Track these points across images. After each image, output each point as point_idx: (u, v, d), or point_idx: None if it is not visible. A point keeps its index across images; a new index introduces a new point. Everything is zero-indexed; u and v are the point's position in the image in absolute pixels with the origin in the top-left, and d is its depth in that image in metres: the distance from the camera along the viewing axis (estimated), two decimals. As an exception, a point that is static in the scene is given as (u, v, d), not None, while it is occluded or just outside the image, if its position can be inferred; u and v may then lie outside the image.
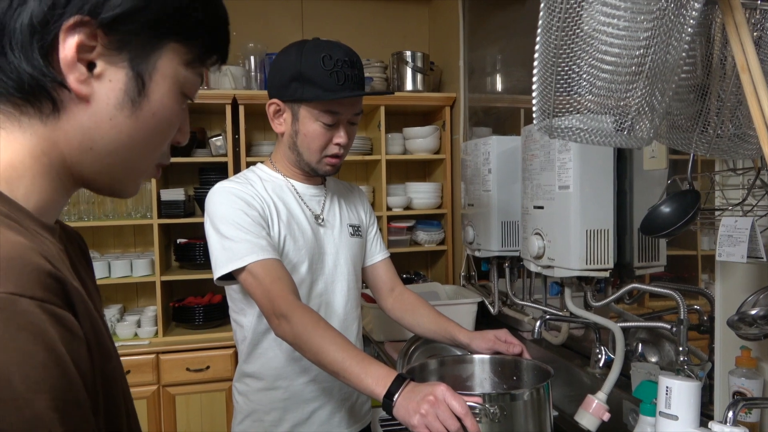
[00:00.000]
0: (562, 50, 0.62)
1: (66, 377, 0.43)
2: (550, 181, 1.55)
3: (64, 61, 0.52)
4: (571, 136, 0.68)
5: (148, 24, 0.55)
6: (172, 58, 0.58)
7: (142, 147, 0.59)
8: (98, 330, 0.51)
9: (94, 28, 0.52)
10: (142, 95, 0.57)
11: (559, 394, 1.75)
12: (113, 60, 0.54)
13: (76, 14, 0.51)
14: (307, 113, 1.32)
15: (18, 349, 0.40)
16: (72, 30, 0.52)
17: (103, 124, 0.56)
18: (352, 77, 1.30)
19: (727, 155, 0.84)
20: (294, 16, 3.23)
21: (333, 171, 1.40)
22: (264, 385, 1.37)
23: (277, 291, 1.19)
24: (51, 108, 0.54)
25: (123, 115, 0.56)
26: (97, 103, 0.55)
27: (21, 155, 0.54)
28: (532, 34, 0.68)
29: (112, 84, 0.55)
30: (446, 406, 0.96)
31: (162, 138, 0.61)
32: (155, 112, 0.58)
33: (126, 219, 2.84)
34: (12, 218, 0.49)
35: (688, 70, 0.75)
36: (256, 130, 3.13)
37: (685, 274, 1.58)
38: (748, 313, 1.04)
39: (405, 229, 3.05)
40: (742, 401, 0.98)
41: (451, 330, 1.40)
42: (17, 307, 0.41)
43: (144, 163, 0.61)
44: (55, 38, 0.52)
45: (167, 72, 0.58)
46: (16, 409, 0.39)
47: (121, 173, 0.60)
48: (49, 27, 0.51)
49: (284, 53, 1.34)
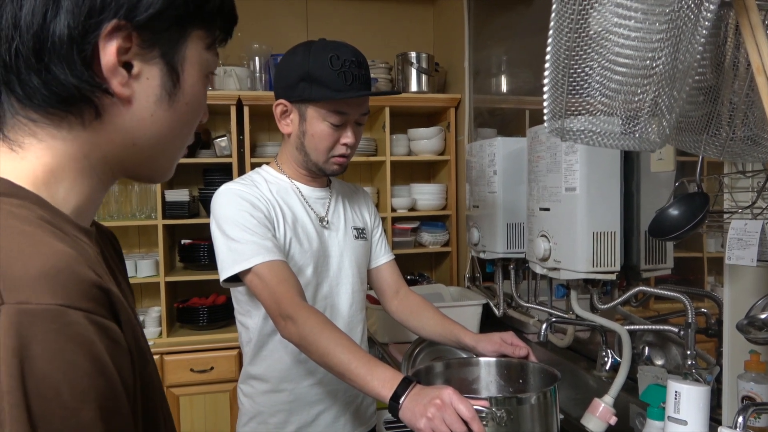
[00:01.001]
0: (575, 52, 0.61)
1: (110, 387, 0.44)
2: (556, 182, 1.55)
3: (106, 68, 0.53)
4: (582, 138, 0.68)
5: (175, 17, 0.55)
6: (196, 45, 0.59)
7: (179, 134, 0.61)
8: (137, 336, 0.51)
9: (130, 30, 0.53)
10: (177, 87, 0.58)
11: (565, 398, 1.74)
12: (147, 58, 0.55)
13: (113, 19, 0.52)
14: (314, 113, 1.31)
15: (67, 360, 0.41)
16: (110, 35, 0.52)
17: (144, 121, 0.57)
18: (359, 77, 1.30)
19: (740, 158, 0.83)
20: (299, 17, 3.23)
21: (340, 170, 1.40)
22: (269, 387, 1.37)
23: (283, 292, 1.18)
24: (94, 114, 0.54)
25: (162, 109, 0.57)
26: (137, 102, 0.56)
27: (61, 160, 0.54)
28: (538, 35, 0.67)
29: (149, 81, 0.56)
30: (453, 409, 0.96)
31: (195, 122, 0.63)
32: (189, 101, 0.60)
33: (130, 220, 2.84)
34: (54, 225, 0.49)
35: (700, 72, 0.74)
36: (261, 131, 3.13)
37: (691, 277, 1.57)
38: (757, 317, 1.03)
39: (409, 230, 3.04)
40: (751, 406, 0.98)
41: (457, 332, 1.39)
42: (67, 319, 0.42)
43: (181, 148, 0.63)
44: (95, 46, 0.52)
45: (194, 59, 0.59)
46: (62, 419, 0.40)
47: (162, 161, 0.62)
48: (88, 36, 0.51)
49: (291, 54, 1.34)
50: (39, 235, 0.46)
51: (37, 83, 0.52)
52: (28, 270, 0.42)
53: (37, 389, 0.39)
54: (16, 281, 0.41)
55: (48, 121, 0.53)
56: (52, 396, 0.40)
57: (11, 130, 0.53)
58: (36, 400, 0.39)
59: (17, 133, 0.53)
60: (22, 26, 0.51)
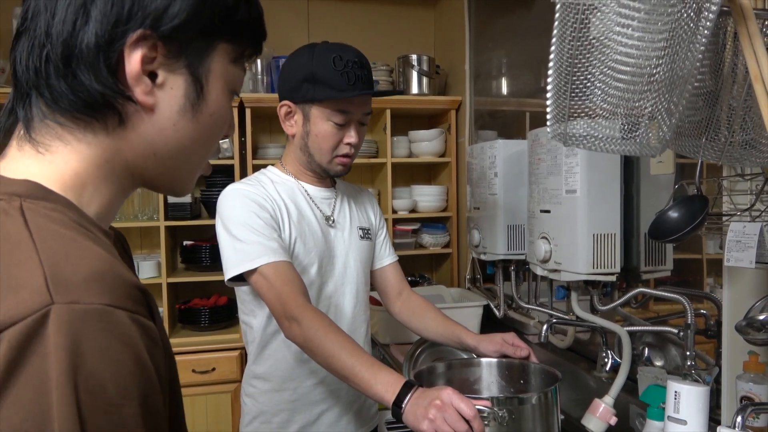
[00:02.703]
0: (577, 59, 0.63)
1: (150, 385, 0.46)
2: (556, 185, 1.56)
3: (131, 76, 0.54)
4: (585, 144, 0.69)
5: (202, 29, 0.56)
6: (222, 58, 0.59)
7: (201, 147, 0.62)
8: (164, 334, 0.53)
9: (155, 39, 0.54)
10: (200, 98, 0.59)
11: (566, 398, 1.75)
12: (172, 68, 0.56)
13: (138, 29, 0.53)
14: (318, 113, 1.33)
15: (113, 358, 0.43)
16: (135, 45, 0.53)
17: (166, 131, 0.58)
18: (362, 77, 1.32)
19: (738, 163, 0.85)
20: (300, 19, 3.24)
21: (344, 171, 1.41)
22: (272, 387, 1.38)
23: (288, 293, 1.20)
24: (117, 121, 0.56)
25: (185, 119, 0.58)
26: (160, 111, 0.57)
27: (85, 165, 0.55)
28: (539, 38, 0.69)
29: (173, 91, 0.57)
30: (453, 409, 0.97)
31: (218, 135, 0.63)
32: (212, 113, 0.60)
33: (133, 221, 2.85)
34: (87, 228, 0.51)
35: (699, 78, 0.76)
36: (263, 132, 3.14)
37: (691, 278, 1.58)
38: (756, 318, 1.05)
39: (410, 231, 3.05)
40: (750, 406, 0.99)
41: (459, 333, 1.40)
42: (114, 318, 0.44)
43: (202, 161, 0.64)
44: (120, 54, 0.53)
45: (219, 72, 0.60)
46: (105, 414, 0.42)
47: (182, 173, 0.63)
48: (114, 44, 0.53)
49: (295, 56, 1.36)
50: (80, 239, 0.48)
51: (64, 88, 0.53)
52: (77, 272, 0.44)
53: (86, 385, 0.41)
54: (65, 283, 0.43)
55: (74, 125, 0.55)
56: (98, 392, 0.42)
57: (39, 133, 0.55)
58: (84, 396, 0.41)
59: (45, 137, 0.55)
60: (53, 34, 0.53)
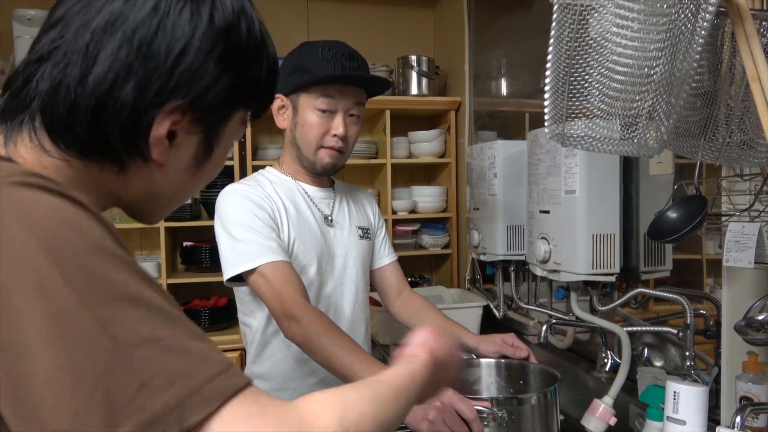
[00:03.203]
0: (575, 60, 0.63)
1: None
2: (556, 185, 1.56)
3: (155, 138, 0.54)
4: (583, 144, 0.69)
5: (229, 100, 0.57)
6: (235, 122, 0.60)
7: (192, 192, 0.64)
8: None
9: (187, 108, 0.54)
10: (207, 158, 0.59)
11: (565, 399, 1.75)
12: (191, 131, 0.56)
13: (179, 100, 0.53)
14: (305, 102, 1.34)
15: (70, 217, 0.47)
16: (169, 113, 0.53)
17: (167, 183, 0.58)
18: (349, 68, 1.32)
19: (736, 163, 0.85)
20: (300, 20, 3.25)
21: (332, 164, 1.39)
22: (272, 387, 1.38)
23: (288, 293, 1.20)
24: (118, 168, 0.55)
25: (187, 174, 0.59)
26: (168, 167, 0.57)
27: (63, 180, 0.53)
28: (538, 38, 0.69)
29: (185, 151, 0.57)
30: (453, 411, 0.97)
31: (208, 182, 0.64)
32: (212, 167, 0.62)
33: (132, 222, 2.83)
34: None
35: (697, 78, 0.76)
36: (262, 133, 3.14)
37: (690, 278, 1.58)
38: (755, 318, 1.05)
39: (410, 232, 3.05)
40: (749, 406, 0.99)
41: (459, 333, 1.41)
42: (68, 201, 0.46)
43: (184, 200, 0.66)
44: (153, 119, 0.53)
45: (229, 134, 0.60)
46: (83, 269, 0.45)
47: (165, 211, 0.64)
48: (150, 111, 0.52)
49: (289, 54, 1.38)
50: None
51: (84, 137, 0.52)
52: None
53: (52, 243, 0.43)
54: None
55: (66, 158, 0.53)
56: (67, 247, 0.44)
57: (22, 149, 0.53)
58: None
59: (27, 154, 0.53)
60: (89, 84, 0.51)
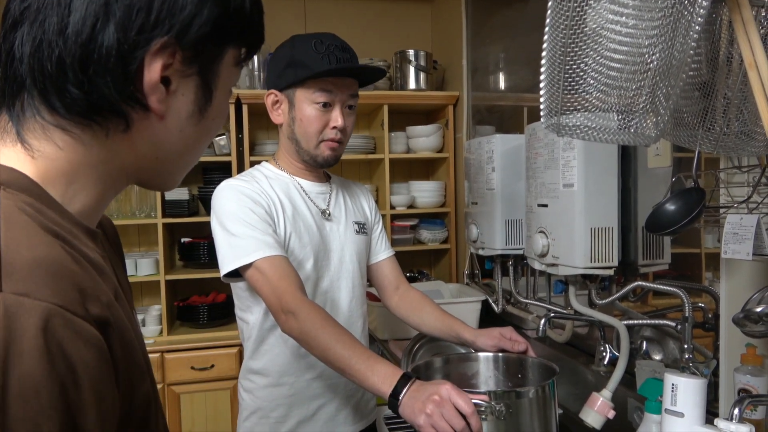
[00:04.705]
0: (570, 48, 0.62)
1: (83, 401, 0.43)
2: (554, 179, 1.56)
3: (149, 84, 0.52)
4: (578, 134, 0.68)
5: (217, 36, 0.55)
6: (229, 62, 0.58)
7: (201, 147, 0.61)
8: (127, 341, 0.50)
9: (175, 48, 0.52)
10: (208, 103, 0.57)
11: (564, 392, 1.75)
12: (185, 74, 0.54)
13: (164, 37, 0.51)
14: (302, 97, 1.34)
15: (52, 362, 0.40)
16: (157, 52, 0.51)
17: (172, 136, 0.56)
18: (344, 60, 1.33)
19: (734, 152, 0.84)
20: (297, 15, 3.24)
21: (332, 157, 1.39)
22: (269, 382, 1.38)
23: (285, 287, 1.19)
24: (122, 126, 0.53)
25: (191, 124, 0.57)
26: (169, 117, 0.55)
27: (77, 165, 0.53)
28: (536, 32, 0.68)
29: (184, 98, 0.55)
30: (451, 405, 0.96)
31: (215, 134, 0.63)
32: (216, 116, 0.59)
33: (130, 218, 2.85)
34: (58, 231, 0.48)
35: (695, 67, 0.75)
36: (260, 129, 3.13)
37: (689, 272, 1.58)
38: (753, 310, 1.04)
39: (408, 227, 3.05)
40: (747, 398, 0.99)
41: (457, 328, 1.40)
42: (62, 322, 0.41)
43: (197, 159, 0.63)
44: (141, 62, 0.51)
45: (226, 76, 0.58)
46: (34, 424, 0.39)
47: (178, 172, 0.62)
48: (136, 51, 0.50)
49: (279, 47, 1.39)
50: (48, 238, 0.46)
51: (78, 95, 0.50)
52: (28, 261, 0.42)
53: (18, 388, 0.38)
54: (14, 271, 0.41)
55: (71, 128, 0.52)
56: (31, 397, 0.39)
57: (28, 131, 0.52)
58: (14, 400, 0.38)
59: (34, 135, 0.52)
60: (69, 34, 0.49)
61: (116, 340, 0.46)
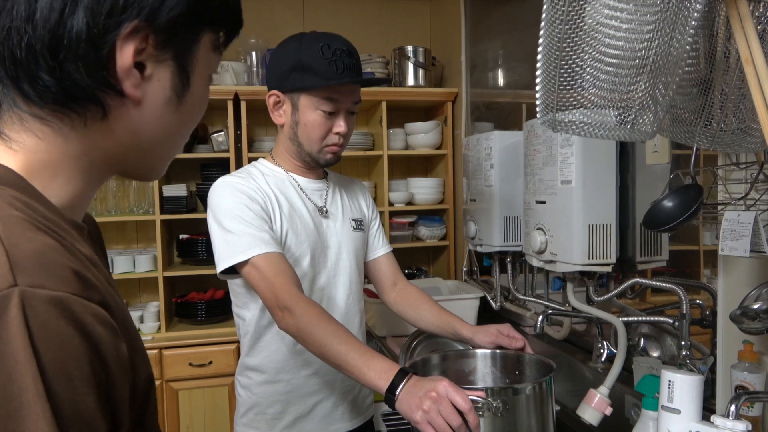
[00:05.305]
0: (566, 44, 0.62)
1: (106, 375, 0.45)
2: (552, 176, 1.55)
3: (121, 69, 0.51)
4: (574, 129, 0.68)
5: (192, 19, 0.54)
6: (205, 46, 0.58)
7: (182, 135, 0.61)
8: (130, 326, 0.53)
9: (148, 31, 0.51)
10: (185, 89, 0.57)
11: (561, 389, 1.75)
12: (160, 59, 0.54)
13: (134, 20, 0.50)
14: (307, 102, 1.33)
15: (75, 346, 0.43)
16: (128, 36, 0.50)
17: (150, 123, 0.56)
18: (350, 66, 1.31)
19: (731, 149, 0.84)
20: (295, 11, 3.23)
21: (334, 159, 1.41)
22: (266, 378, 1.38)
23: (281, 284, 1.19)
24: (100, 114, 0.53)
25: (169, 111, 0.56)
26: (146, 104, 0.54)
27: (58, 157, 0.53)
28: (534, 29, 0.68)
29: (160, 83, 0.55)
30: (448, 401, 0.96)
31: (196, 122, 0.62)
32: (194, 102, 0.59)
33: (128, 215, 2.85)
34: (45, 224, 0.48)
35: (692, 63, 0.75)
36: (258, 125, 3.13)
37: (687, 269, 1.58)
38: (750, 307, 1.04)
39: (407, 224, 3.05)
40: (744, 395, 0.99)
41: (454, 324, 1.40)
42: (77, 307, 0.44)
43: (179, 148, 0.63)
44: (112, 46, 0.50)
45: (203, 61, 0.58)
46: (73, 403, 0.42)
47: (161, 161, 0.62)
48: (107, 36, 0.50)
49: (283, 45, 1.36)
50: (38, 234, 0.46)
51: (50, 82, 0.50)
52: (34, 256, 0.43)
53: (53, 373, 0.41)
54: (26, 266, 0.42)
55: (49, 118, 0.52)
56: (65, 381, 0.41)
57: (6, 123, 0.52)
58: (54, 385, 0.41)
59: (12, 127, 0.52)
60: (38, 20, 0.48)
61: (120, 324, 0.48)
